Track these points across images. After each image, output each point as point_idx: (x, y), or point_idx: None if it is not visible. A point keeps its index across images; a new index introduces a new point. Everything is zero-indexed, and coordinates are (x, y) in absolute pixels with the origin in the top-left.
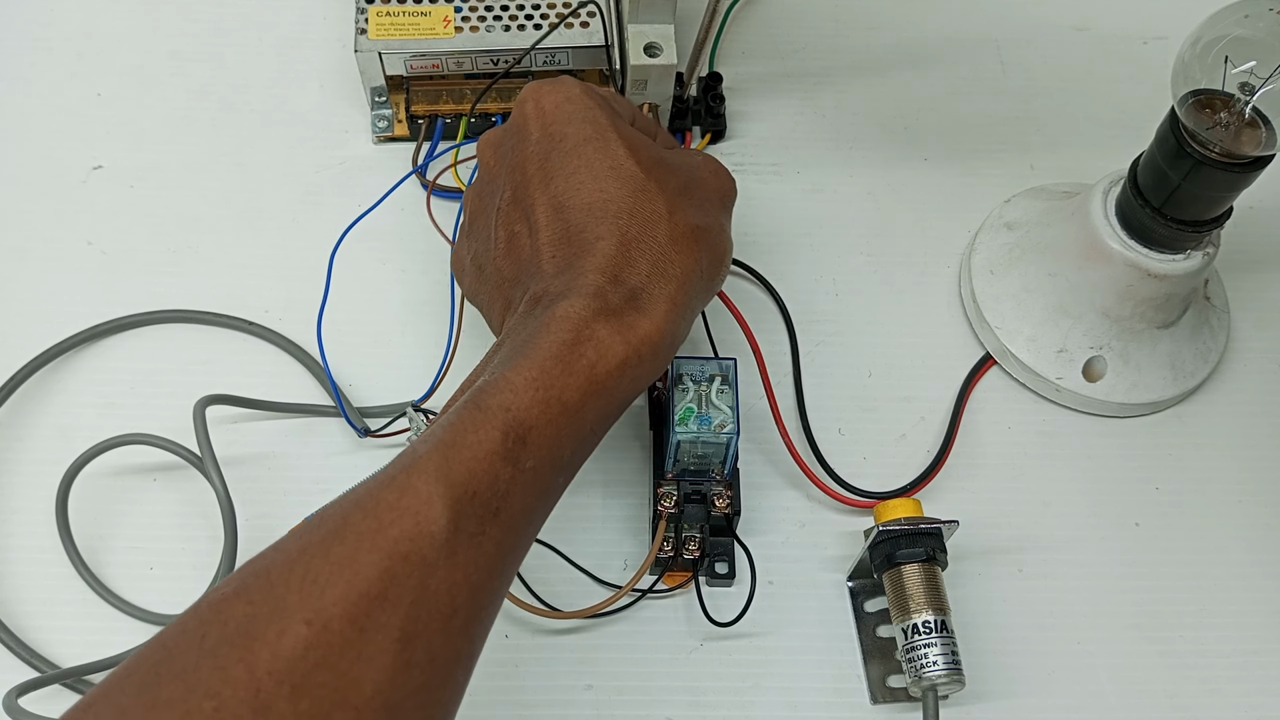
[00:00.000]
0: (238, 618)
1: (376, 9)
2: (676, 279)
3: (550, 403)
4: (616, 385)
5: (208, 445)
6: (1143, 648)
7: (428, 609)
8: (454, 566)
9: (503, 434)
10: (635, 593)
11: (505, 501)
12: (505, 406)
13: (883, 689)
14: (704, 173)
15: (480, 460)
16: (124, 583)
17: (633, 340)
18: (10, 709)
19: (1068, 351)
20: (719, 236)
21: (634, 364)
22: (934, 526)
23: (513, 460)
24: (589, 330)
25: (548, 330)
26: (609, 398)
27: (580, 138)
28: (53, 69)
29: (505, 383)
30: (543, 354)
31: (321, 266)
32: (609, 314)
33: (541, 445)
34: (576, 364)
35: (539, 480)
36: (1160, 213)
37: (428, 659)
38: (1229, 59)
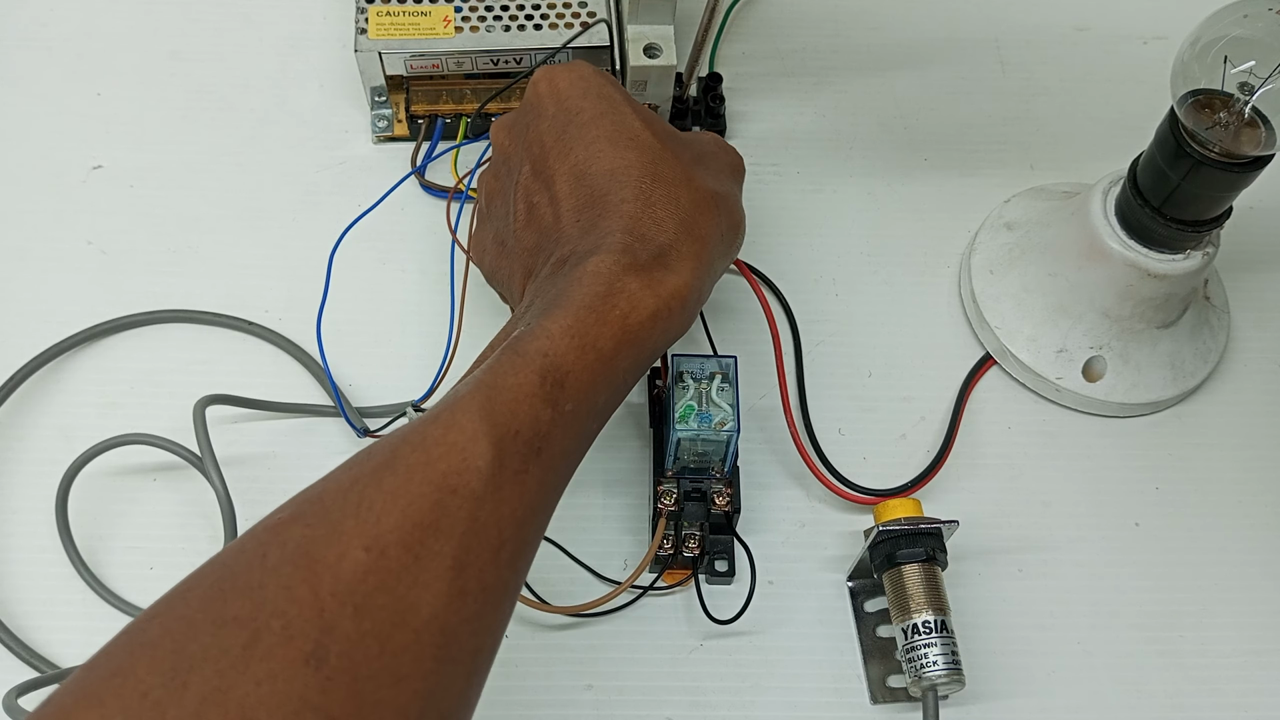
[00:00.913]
0: (296, 539)
1: (376, 9)
2: (701, 239)
3: (585, 349)
4: (648, 336)
5: (208, 445)
6: (1143, 648)
7: (478, 540)
8: (500, 501)
9: (541, 377)
10: (635, 590)
11: (546, 442)
12: (543, 351)
13: (883, 689)
14: (713, 147)
15: (521, 401)
16: (124, 583)
17: (662, 294)
18: (10, 709)
19: (1068, 351)
20: (735, 204)
21: (664, 317)
22: (934, 526)
23: (552, 402)
24: (620, 283)
25: (580, 283)
26: (640, 348)
27: (596, 111)
28: (53, 69)
29: (542, 330)
30: (577, 304)
31: (321, 266)
32: (638, 269)
33: (578, 389)
34: (609, 314)
35: (576, 423)
36: (1160, 213)
37: (479, 587)
38: (1228, 59)
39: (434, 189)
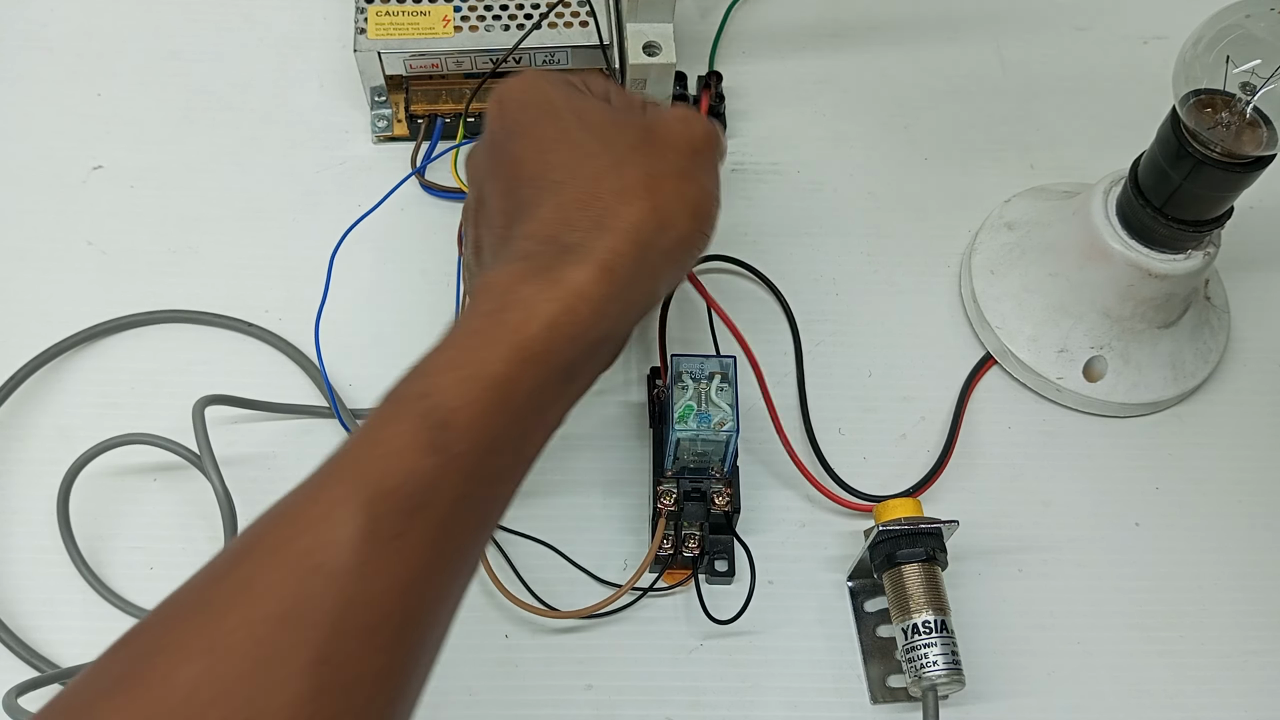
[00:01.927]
0: (131, 655)
1: (376, 9)
2: (619, 230)
3: (471, 380)
4: (550, 349)
5: (207, 445)
6: (1143, 648)
7: (347, 623)
8: (374, 574)
9: (419, 421)
10: (635, 591)
11: (431, 495)
12: (422, 392)
13: (883, 689)
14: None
15: (396, 454)
16: (124, 582)
17: (560, 294)
18: (10, 709)
19: (1068, 351)
20: (679, 187)
21: (567, 321)
22: (934, 526)
23: (435, 449)
24: (512, 294)
25: (471, 305)
26: (543, 363)
27: (529, 120)
28: (53, 69)
29: (422, 368)
30: (462, 330)
31: (321, 266)
32: (535, 273)
33: (469, 428)
34: (497, 332)
35: (469, 465)
36: (1161, 212)
37: (351, 679)
38: (1230, 59)
39: (434, 189)
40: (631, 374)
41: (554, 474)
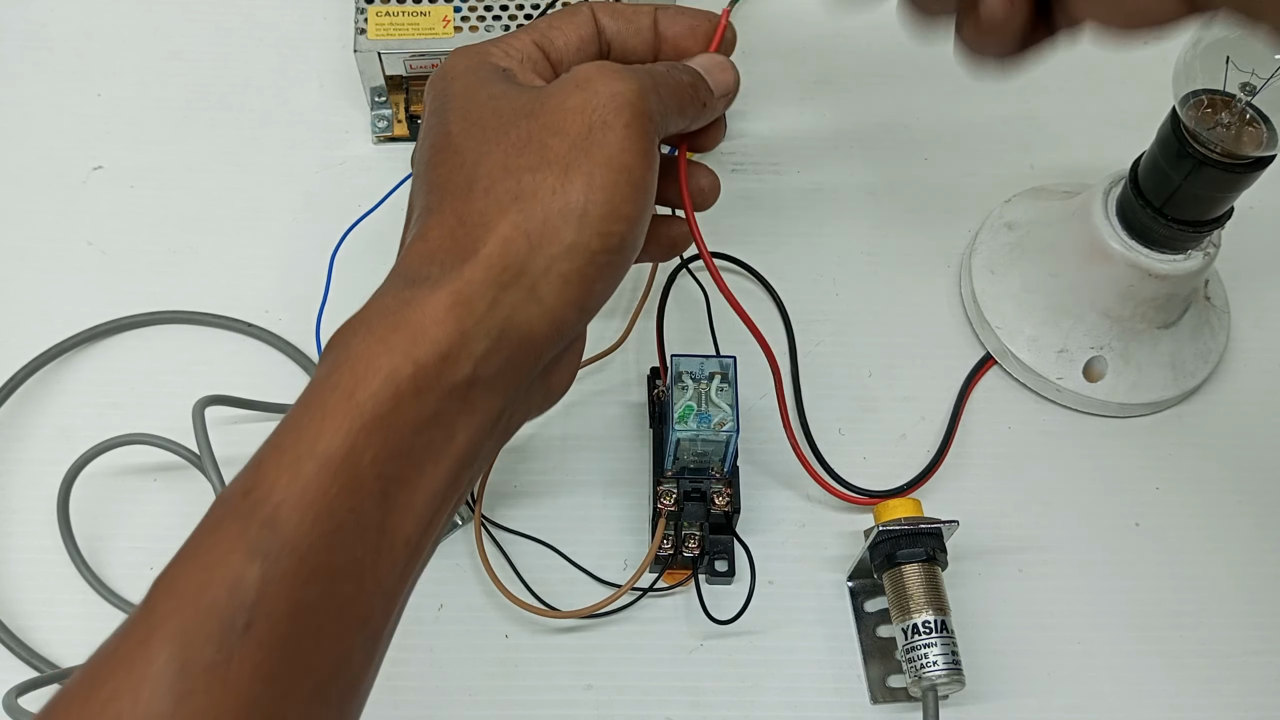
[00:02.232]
0: None
1: (376, 9)
2: (479, 254)
3: (300, 462)
4: (394, 409)
5: (207, 446)
6: (1143, 648)
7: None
8: (189, 713)
9: (241, 522)
10: (635, 591)
11: (257, 611)
12: (245, 488)
13: (883, 689)
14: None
15: (215, 565)
16: (124, 583)
17: (400, 342)
18: (10, 709)
19: (1068, 351)
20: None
21: (410, 373)
22: (934, 526)
23: (260, 553)
24: (344, 350)
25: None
26: (390, 428)
27: (429, 125)
28: (53, 69)
29: (254, 459)
30: (296, 404)
31: (321, 266)
32: (376, 316)
33: (300, 521)
34: (330, 400)
35: (308, 566)
36: (1161, 213)
37: None
38: (1230, 59)
39: None
40: (631, 374)
41: (554, 474)
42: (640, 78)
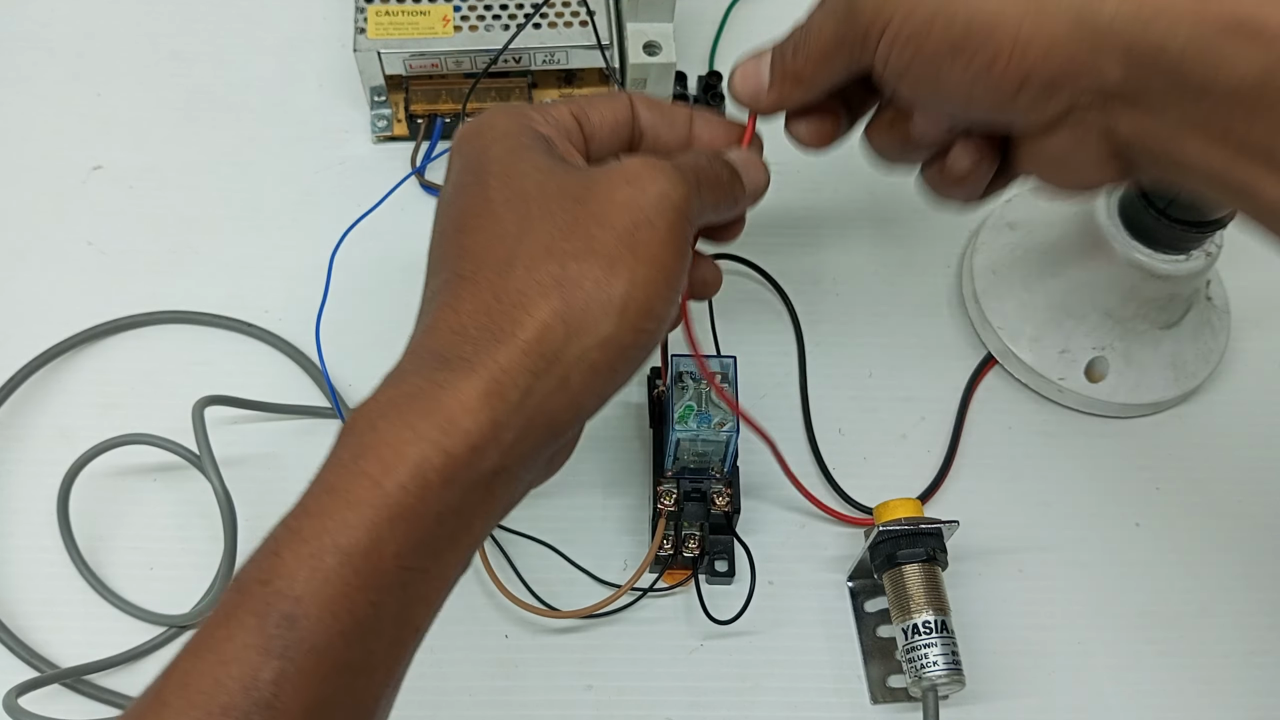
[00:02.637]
0: None
1: (376, 9)
2: (517, 338)
3: (321, 555)
4: (421, 498)
5: (206, 446)
6: (1143, 648)
7: None
8: None
9: (259, 617)
10: (635, 592)
11: (272, 711)
12: (263, 577)
13: (883, 689)
14: (614, 184)
15: (231, 661)
16: (124, 583)
17: (430, 430)
18: (10, 709)
19: (1070, 352)
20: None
21: (440, 464)
22: (934, 526)
23: (277, 652)
24: (372, 435)
25: (333, 450)
26: (415, 519)
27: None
28: (53, 69)
29: (270, 543)
30: (317, 487)
31: (321, 266)
32: (406, 400)
33: (320, 618)
34: (355, 489)
35: (326, 663)
36: (1164, 213)
37: None
38: None
39: (434, 189)
40: None
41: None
42: (686, 179)
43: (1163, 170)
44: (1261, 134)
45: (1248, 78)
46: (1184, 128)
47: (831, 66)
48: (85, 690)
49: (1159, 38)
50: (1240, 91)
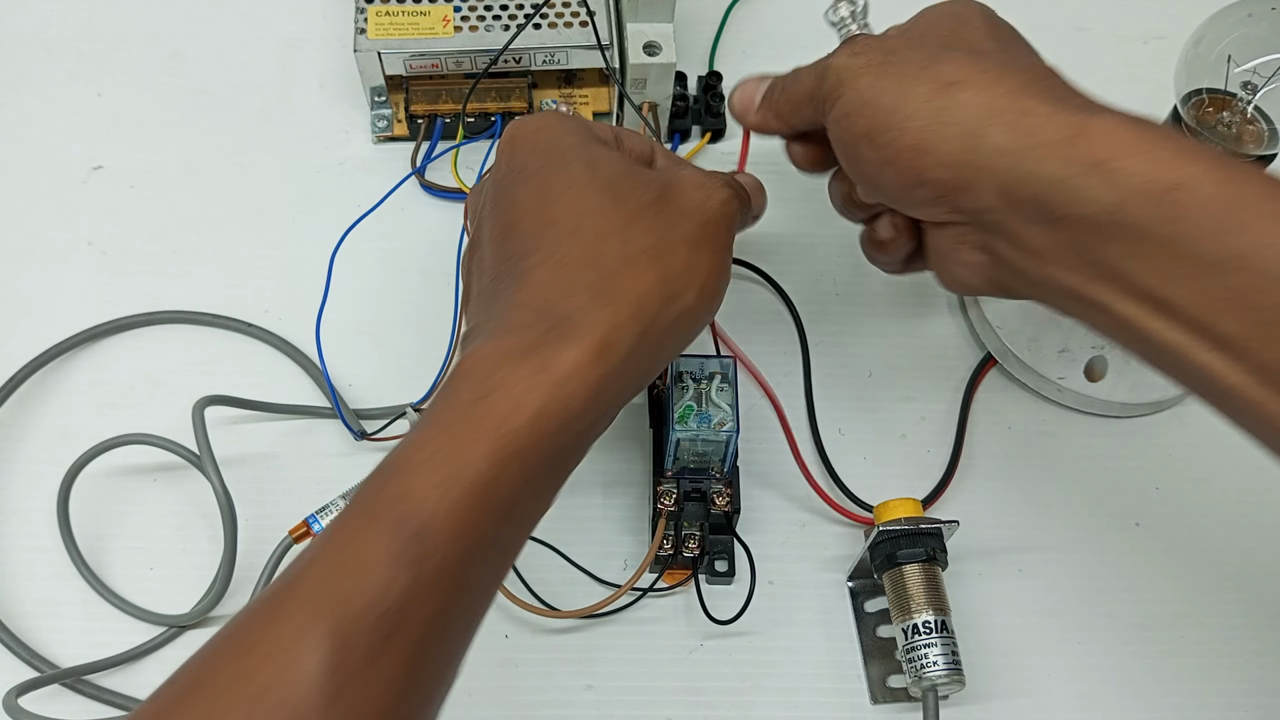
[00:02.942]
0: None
1: (376, 9)
2: (620, 301)
3: (450, 482)
4: (537, 443)
5: (206, 446)
6: (1142, 648)
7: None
8: (343, 711)
9: (393, 531)
10: (635, 591)
11: (404, 616)
12: (396, 497)
13: (883, 689)
14: (686, 187)
15: (367, 569)
16: (124, 583)
17: (550, 380)
18: (10, 709)
19: (1069, 351)
20: (690, 257)
21: (556, 411)
22: (934, 526)
23: (410, 563)
24: (495, 378)
25: (451, 386)
26: (529, 459)
27: (538, 165)
28: (53, 69)
29: (396, 464)
30: (442, 420)
31: (321, 266)
32: (523, 352)
33: (446, 536)
34: (480, 426)
35: (448, 578)
36: None
37: None
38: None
39: (434, 189)
40: None
41: None
42: (739, 194)
43: (1032, 289)
44: (1113, 258)
45: (1102, 209)
46: (1047, 251)
47: (800, 113)
48: (85, 690)
49: (1030, 170)
50: (1095, 220)
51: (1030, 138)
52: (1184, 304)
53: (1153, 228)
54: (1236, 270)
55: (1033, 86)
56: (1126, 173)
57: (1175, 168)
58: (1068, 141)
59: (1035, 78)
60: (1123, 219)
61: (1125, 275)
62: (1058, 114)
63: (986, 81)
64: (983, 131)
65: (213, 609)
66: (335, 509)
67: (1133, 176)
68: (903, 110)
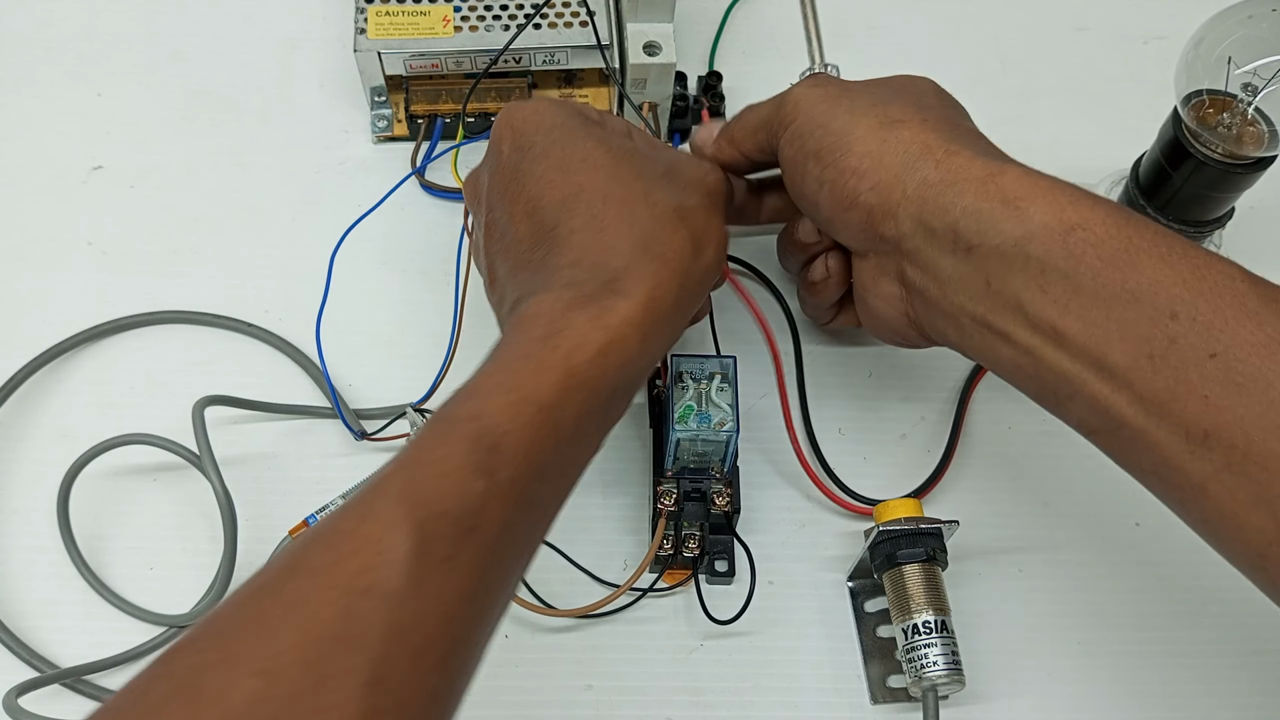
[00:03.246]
0: (183, 670)
1: (376, 9)
2: (662, 256)
3: (522, 404)
4: (599, 376)
5: (206, 445)
6: (1142, 648)
7: (398, 646)
8: (425, 596)
9: (471, 444)
10: (635, 591)
11: (480, 519)
12: (473, 414)
13: (883, 689)
14: (686, 163)
15: (448, 475)
16: (124, 582)
17: (611, 323)
18: (10, 709)
19: None
20: (706, 219)
21: (616, 349)
22: (934, 526)
23: (485, 472)
24: (563, 321)
25: (518, 329)
26: (591, 390)
27: (548, 141)
28: (53, 69)
29: (473, 389)
30: (513, 354)
31: (321, 266)
32: (584, 301)
33: (517, 452)
34: (549, 359)
35: (517, 490)
36: (1162, 213)
37: (398, 702)
38: (1232, 59)
39: (434, 189)
40: None
41: None
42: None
43: (942, 319)
44: (1016, 287)
45: (1010, 241)
46: (956, 279)
47: (755, 138)
48: (85, 690)
49: (951, 200)
50: (1003, 250)
51: (954, 174)
52: (1077, 334)
53: (1054, 261)
54: (1127, 304)
55: (963, 138)
56: (1033, 211)
57: (1077, 211)
58: (986, 179)
59: (965, 132)
60: (1028, 251)
61: (1025, 305)
62: (978, 159)
63: (925, 126)
64: (914, 164)
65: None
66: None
67: (1039, 214)
68: (850, 134)
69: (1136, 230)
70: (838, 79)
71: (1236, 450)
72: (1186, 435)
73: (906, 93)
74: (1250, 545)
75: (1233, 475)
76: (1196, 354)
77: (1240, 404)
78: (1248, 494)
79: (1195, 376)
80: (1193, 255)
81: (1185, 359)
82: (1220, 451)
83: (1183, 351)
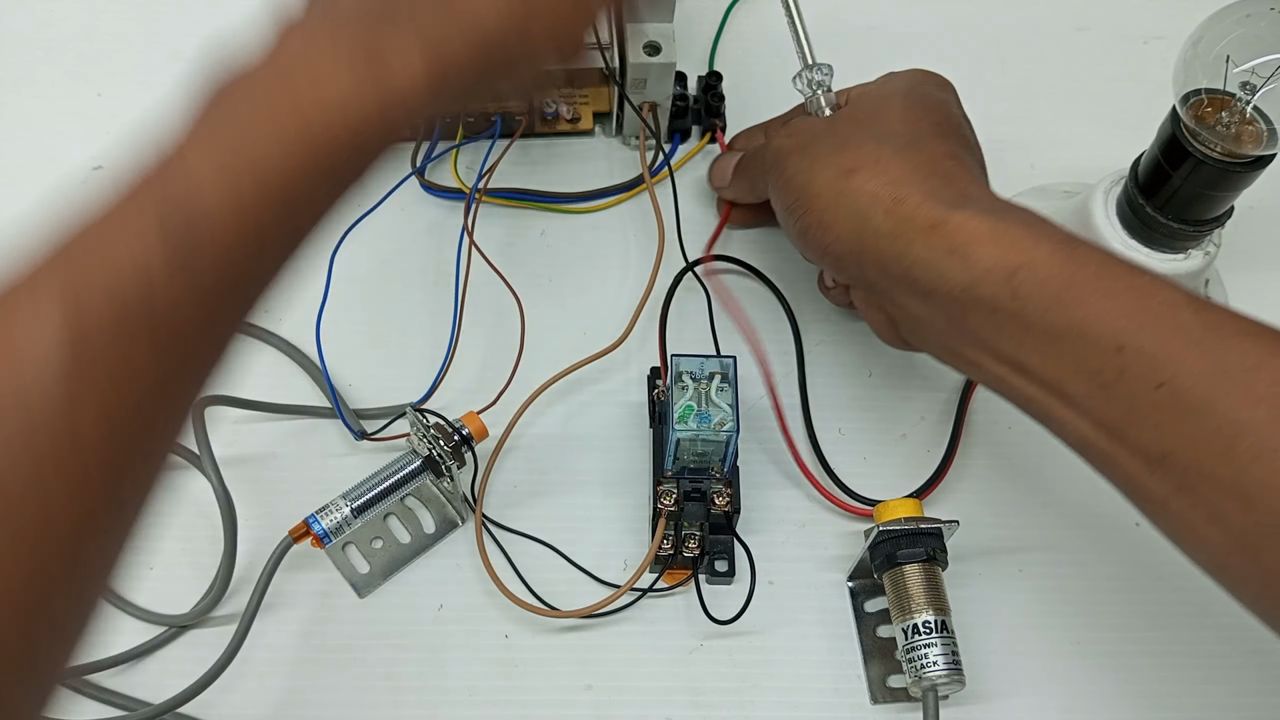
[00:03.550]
0: None
1: None
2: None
3: (242, 176)
4: (350, 149)
5: (207, 445)
6: (1142, 648)
7: (42, 457)
8: (78, 395)
9: (158, 223)
10: (635, 592)
11: (175, 314)
12: (172, 178)
13: (883, 689)
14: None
15: (127, 263)
16: (124, 582)
17: (379, 93)
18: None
19: None
20: None
21: (377, 122)
22: (934, 526)
23: (182, 266)
24: (314, 71)
25: (257, 62)
26: (334, 164)
27: None
28: (53, 69)
29: (182, 142)
30: (237, 97)
31: (321, 267)
32: (348, 49)
33: (227, 240)
34: (284, 117)
35: (224, 283)
36: (1161, 212)
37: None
38: (1230, 58)
39: (434, 189)
40: (631, 374)
41: (554, 474)
42: None
43: (924, 346)
44: (974, 326)
45: (959, 287)
46: (925, 318)
47: (759, 187)
48: (85, 690)
49: (902, 249)
50: (955, 296)
51: (901, 225)
52: (1035, 368)
53: (1002, 303)
54: (1076, 339)
55: (914, 175)
56: (977, 257)
57: (1021, 252)
58: (930, 230)
59: (920, 165)
60: (977, 295)
61: (986, 342)
62: (924, 205)
63: (876, 170)
64: (867, 214)
65: (213, 609)
66: (335, 509)
67: (982, 260)
68: (810, 190)
69: (1079, 265)
70: (807, 125)
71: (1190, 472)
72: (1145, 458)
73: (872, 122)
74: (1212, 557)
75: (1189, 494)
76: (1145, 384)
77: (1189, 430)
78: (1203, 511)
79: (1146, 405)
80: (1136, 286)
81: (1135, 389)
82: (1176, 474)
83: (1131, 382)
